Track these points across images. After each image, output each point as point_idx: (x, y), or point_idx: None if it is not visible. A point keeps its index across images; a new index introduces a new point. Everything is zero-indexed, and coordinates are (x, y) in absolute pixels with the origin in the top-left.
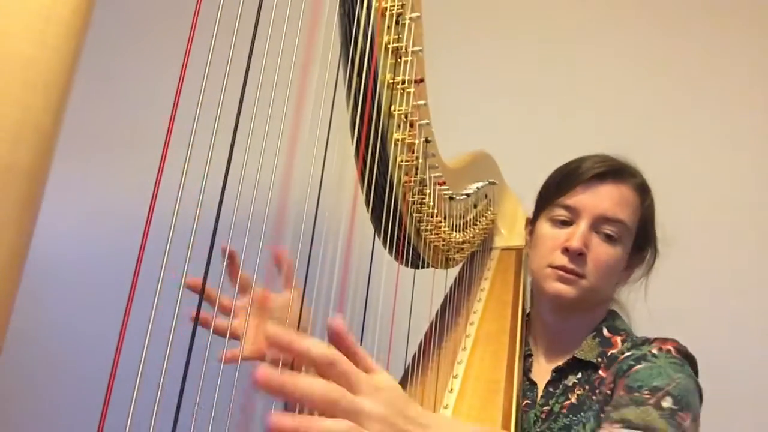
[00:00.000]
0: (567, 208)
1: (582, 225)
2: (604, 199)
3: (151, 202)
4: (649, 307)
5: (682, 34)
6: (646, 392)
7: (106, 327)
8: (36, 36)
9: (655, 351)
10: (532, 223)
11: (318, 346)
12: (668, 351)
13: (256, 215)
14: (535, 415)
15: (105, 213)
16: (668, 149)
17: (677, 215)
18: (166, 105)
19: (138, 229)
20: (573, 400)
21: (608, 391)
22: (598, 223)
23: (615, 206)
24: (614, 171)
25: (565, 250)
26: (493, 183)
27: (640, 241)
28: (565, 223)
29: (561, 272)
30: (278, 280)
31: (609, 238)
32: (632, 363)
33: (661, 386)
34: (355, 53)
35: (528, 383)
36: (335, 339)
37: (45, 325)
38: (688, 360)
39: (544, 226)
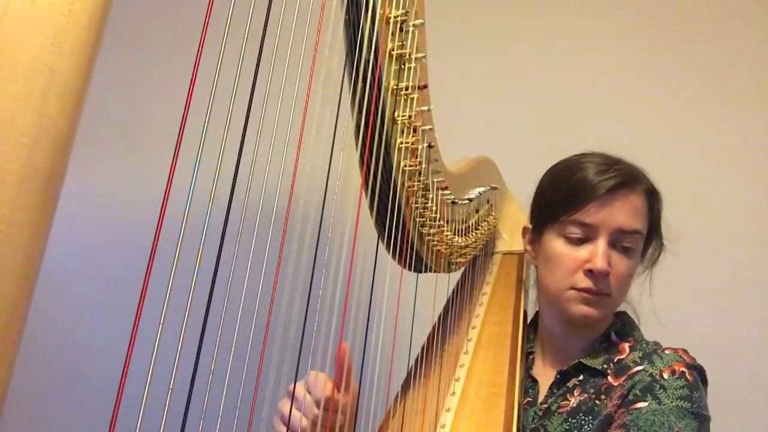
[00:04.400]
0: (582, 225)
1: (601, 243)
2: (619, 212)
3: (162, 209)
4: (654, 305)
5: (686, 35)
6: None
7: (114, 329)
8: (53, 43)
9: (666, 375)
10: (533, 233)
11: None
12: (681, 375)
13: (262, 221)
14: (535, 413)
15: (113, 214)
16: (671, 151)
17: (681, 215)
18: (169, 115)
19: (144, 231)
20: (572, 403)
21: (611, 409)
22: (616, 238)
23: (630, 218)
24: (625, 181)
25: (590, 272)
26: (495, 188)
27: (648, 241)
28: (580, 241)
29: (587, 295)
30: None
31: (627, 251)
32: (638, 394)
33: None
34: (360, 60)
35: (530, 381)
36: None
37: (52, 327)
38: (698, 372)
39: (557, 244)
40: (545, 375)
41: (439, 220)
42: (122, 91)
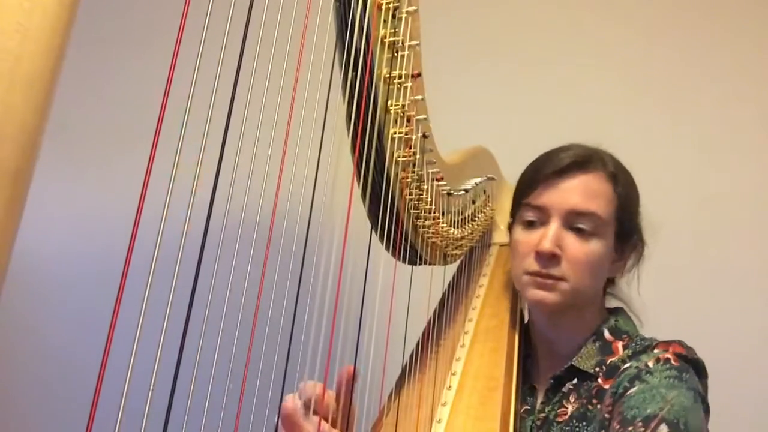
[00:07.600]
0: (535, 208)
1: (552, 224)
2: (571, 193)
3: (140, 203)
4: (643, 298)
5: (681, 28)
6: (640, 424)
7: (96, 330)
8: (18, 29)
9: (651, 364)
10: (508, 228)
11: None
12: (666, 361)
13: (250, 211)
14: (532, 422)
15: (97, 215)
16: (667, 144)
17: (674, 210)
18: (158, 100)
19: (129, 232)
20: (569, 410)
21: (606, 414)
22: (569, 220)
23: (584, 199)
24: (578, 163)
25: (537, 254)
26: (492, 178)
27: (623, 229)
28: (535, 225)
29: (537, 278)
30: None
31: (583, 234)
32: (627, 385)
33: (654, 413)
34: (351, 47)
35: (528, 388)
36: None
37: (33, 328)
38: (691, 365)
39: (517, 231)
40: (542, 381)
41: (434, 212)
42: (101, 90)
